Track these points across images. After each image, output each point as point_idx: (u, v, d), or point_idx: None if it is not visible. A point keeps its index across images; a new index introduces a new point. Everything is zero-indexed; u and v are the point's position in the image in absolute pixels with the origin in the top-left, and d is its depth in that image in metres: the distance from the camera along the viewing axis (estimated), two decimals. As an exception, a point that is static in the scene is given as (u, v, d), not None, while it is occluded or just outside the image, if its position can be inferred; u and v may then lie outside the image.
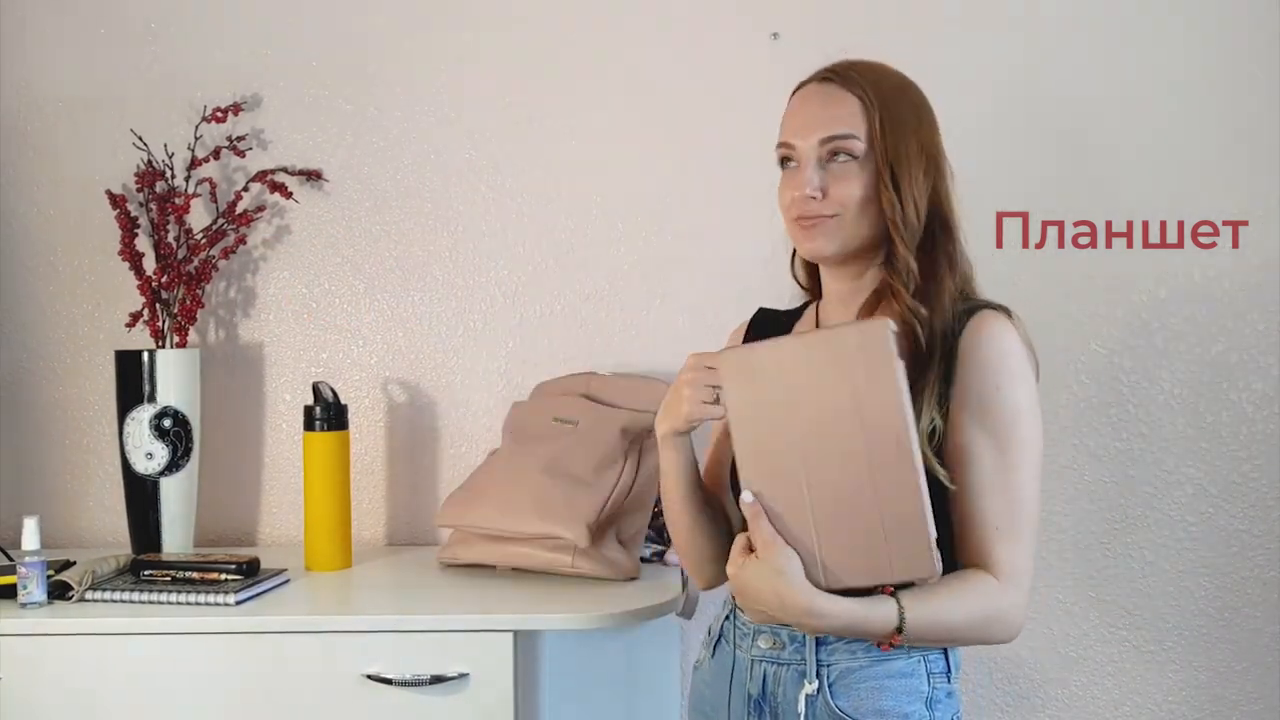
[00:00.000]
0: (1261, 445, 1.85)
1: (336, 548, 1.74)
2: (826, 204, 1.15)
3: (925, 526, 1.01)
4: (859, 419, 1.02)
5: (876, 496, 1.02)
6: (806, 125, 1.16)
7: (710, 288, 1.87)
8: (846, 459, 1.03)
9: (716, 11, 1.89)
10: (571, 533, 1.59)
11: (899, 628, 1.05)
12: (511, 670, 1.46)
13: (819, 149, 1.15)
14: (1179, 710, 1.88)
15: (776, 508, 1.05)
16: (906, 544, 1.01)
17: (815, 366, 1.04)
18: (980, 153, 1.77)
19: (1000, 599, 1.09)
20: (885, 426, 1.01)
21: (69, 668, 1.47)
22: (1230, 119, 1.84)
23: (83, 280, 1.96)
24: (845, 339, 1.03)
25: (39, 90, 1.95)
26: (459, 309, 1.95)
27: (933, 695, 1.13)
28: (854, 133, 1.14)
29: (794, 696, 1.14)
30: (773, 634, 1.17)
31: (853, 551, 1.03)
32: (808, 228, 1.16)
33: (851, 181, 1.14)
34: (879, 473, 1.02)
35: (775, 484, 1.05)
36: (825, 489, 1.04)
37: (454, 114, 1.93)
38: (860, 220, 1.15)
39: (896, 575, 1.03)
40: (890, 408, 1.01)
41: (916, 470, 1.01)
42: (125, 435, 1.80)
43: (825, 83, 1.18)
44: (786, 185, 1.19)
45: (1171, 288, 1.86)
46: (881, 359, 1.01)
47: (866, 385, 1.01)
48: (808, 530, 1.04)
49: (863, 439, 1.02)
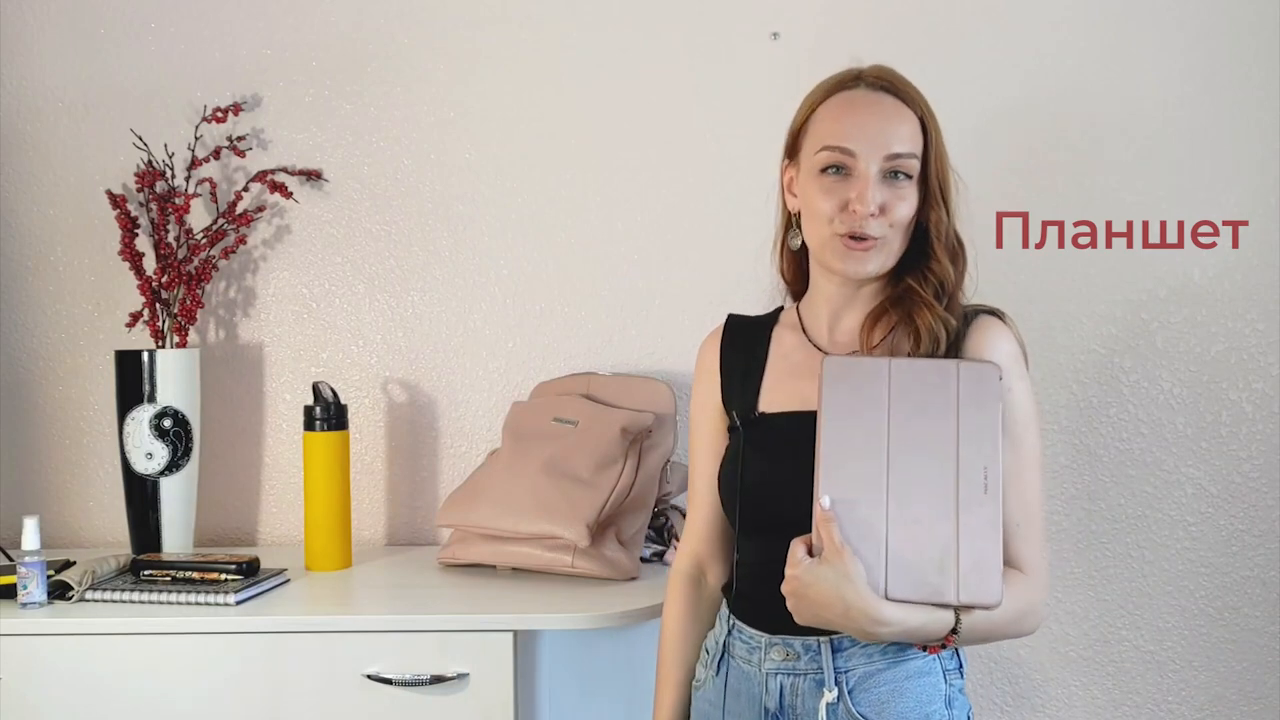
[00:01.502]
0: (1261, 445, 1.85)
1: (336, 548, 1.74)
2: (878, 223, 1.13)
3: (999, 560, 1.05)
4: (955, 449, 1.06)
5: (956, 524, 1.05)
6: (872, 137, 1.13)
7: (710, 288, 1.87)
8: (934, 481, 1.06)
9: (716, 11, 1.89)
10: (571, 533, 1.59)
11: (954, 630, 1.06)
12: (511, 670, 1.46)
13: (883, 163, 1.13)
14: (1179, 710, 1.88)
15: (849, 515, 1.06)
16: (977, 572, 1.04)
17: (924, 389, 1.07)
18: (980, 153, 1.78)
19: (1030, 594, 1.11)
20: (978, 459, 1.05)
21: (69, 668, 1.47)
22: (1230, 119, 1.84)
23: (83, 280, 1.96)
24: (960, 371, 1.08)
25: (39, 90, 1.95)
26: (459, 309, 1.95)
27: (950, 694, 1.14)
28: (915, 152, 1.14)
29: (814, 706, 1.13)
30: (785, 645, 1.15)
31: (920, 571, 1.05)
32: (859, 249, 1.14)
33: (905, 201, 1.14)
34: (964, 502, 1.05)
35: (853, 492, 1.07)
36: (905, 505, 1.06)
37: (454, 114, 1.93)
38: (901, 240, 1.16)
39: (961, 599, 1.05)
40: (988, 443, 1.06)
41: (1000, 506, 1.05)
42: (125, 435, 1.80)
43: (881, 93, 1.15)
44: (829, 194, 1.14)
45: (1171, 288, 1.86)
46: (991, 397, 1.06)
47: (969, 417, 1.06)
48: (879, 542, 1.06)
49: (955, 468, 1.05)
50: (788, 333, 1.26)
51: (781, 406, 1.21)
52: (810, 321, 1.25)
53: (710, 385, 1.28)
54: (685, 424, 1.77)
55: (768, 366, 1.24)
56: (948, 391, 1.07)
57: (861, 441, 1.07)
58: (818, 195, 1.15)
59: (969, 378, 1.07)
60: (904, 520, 1.06)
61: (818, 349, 1.22)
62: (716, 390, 1.27)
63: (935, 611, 1.05)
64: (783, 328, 1.28)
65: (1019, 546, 1.11)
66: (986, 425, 1.06)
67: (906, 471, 1.06)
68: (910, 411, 1.07)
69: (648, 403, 1.76)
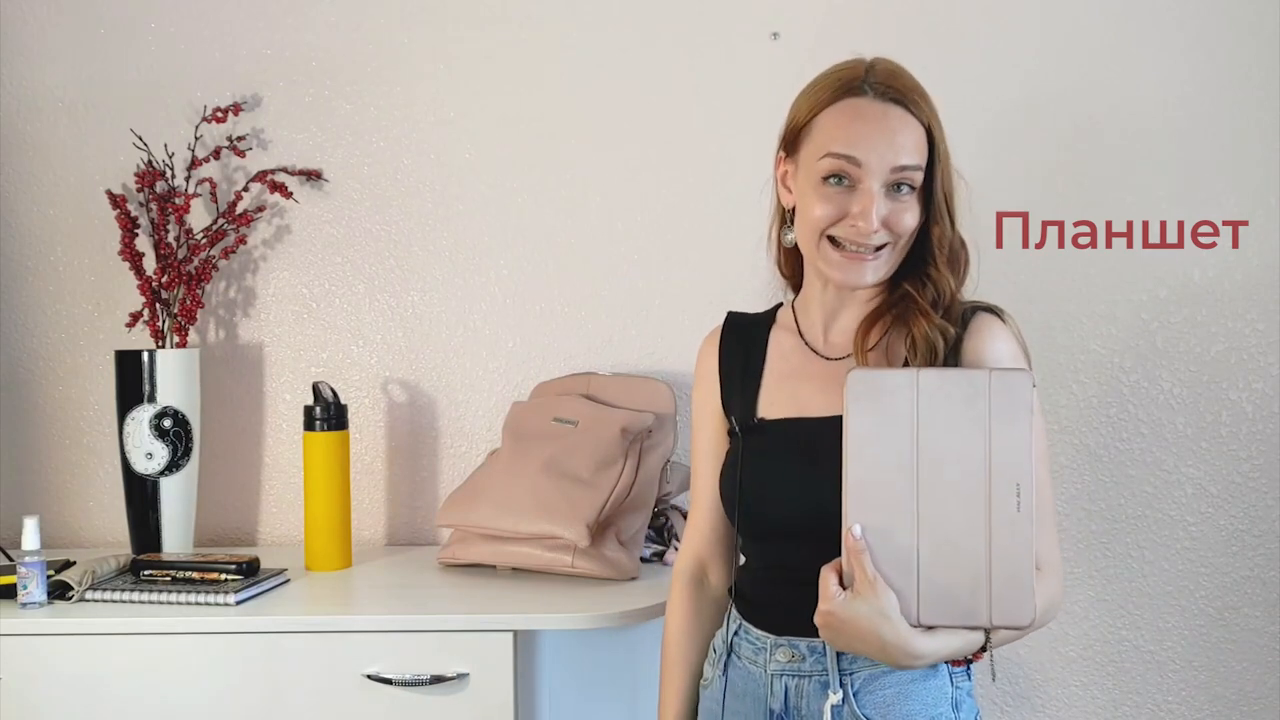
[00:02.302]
0: (1261, 445, 1.85)
1: (336, 548, 1.74)
2: (879, 235, 1.12)
3: (1031, 578, 1.02)
4: (986, 462, 1.02)
5: (988, 545, 1.02)
6: (879, 148, 1.11)
7: (710, 288, 1.86)
8: (966, 500, 1.03)
9: (716, 11, 1.89)
10: (571, 532, 1.59)
11: (984, 646, 1.06)
12: (511, 670, 1.46)
13: (888, 175, 1.11)
14: (1179, 710, 1.88)
15: (880, 542, 1.03)
16: (1009, 591, 1.02)
17: (951, 402, 1.04)
18: (980, 153, 1.78)
19: (1050, 590, 1.10)
20: (1011, 475, 1.02)
21: (69, 668, 1.47)
22: (1230, 119, 1.84)
23: (83, 280, 1.96)
24: (989, 381, 1.04)
25: (39, 90, 1.95)
26: (459, 309, 1.95)
27: (957, 697, 1.13)
28: (919, 164, 1.12)
29: (818, 708, 1.12)
30: (790, 646, 1.15)
31: (953, 593, 1.03)
32: (856, 260, 1.13)
33: (909, 212, 1.13)
34: (996, 518, 1.02)
35: (883, 515, 1.04)
36: (937, 527, 1.03)
37: (454, 114, 1.93)
38: (903, 251, 1.15)
39: (994, 620, 1.03)
40: (1020, 456, 1.02)
41: (1033, 523, 1.02)
42: (125, 435, 1.80)
43: (888, 102, 1.13)
44: (828, 201, 1.13)
45: (1171, 288, 1.86)
46: (1022, 408, 1.02)
47: (1000, 430, 1.02)
48: (910, 567, 1.03)
49: (986, 483, 1.02)
50: (785, 334, 1.26)
51: (780, 412, 1.20)
52: (805, 323, 1.24)
53: (710, 388, 1.28)
54: (685, 424, 1.77)
55: (765, 369, 1.24)
56: (978, 404, 1.03)
57: (890, 462, 1.04)
58: (816, 202, 1.14)
59: (1000, 389, 1.03)
60: (935, 543, 1.03)
61: (814, 352, 1.22)
62: (716, 393, 1.27)
63: (967, 635, 1.05)
64: (780, 328, 1.27)
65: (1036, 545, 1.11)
66: (1019, 439, 1.02)
67: (937, 492, 1.03)
68: (940, 427, 1.03)
69: (648, 403, 1.76)
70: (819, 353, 1.21)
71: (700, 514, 1.30)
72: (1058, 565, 1.13)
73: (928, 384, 1.04)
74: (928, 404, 1.04)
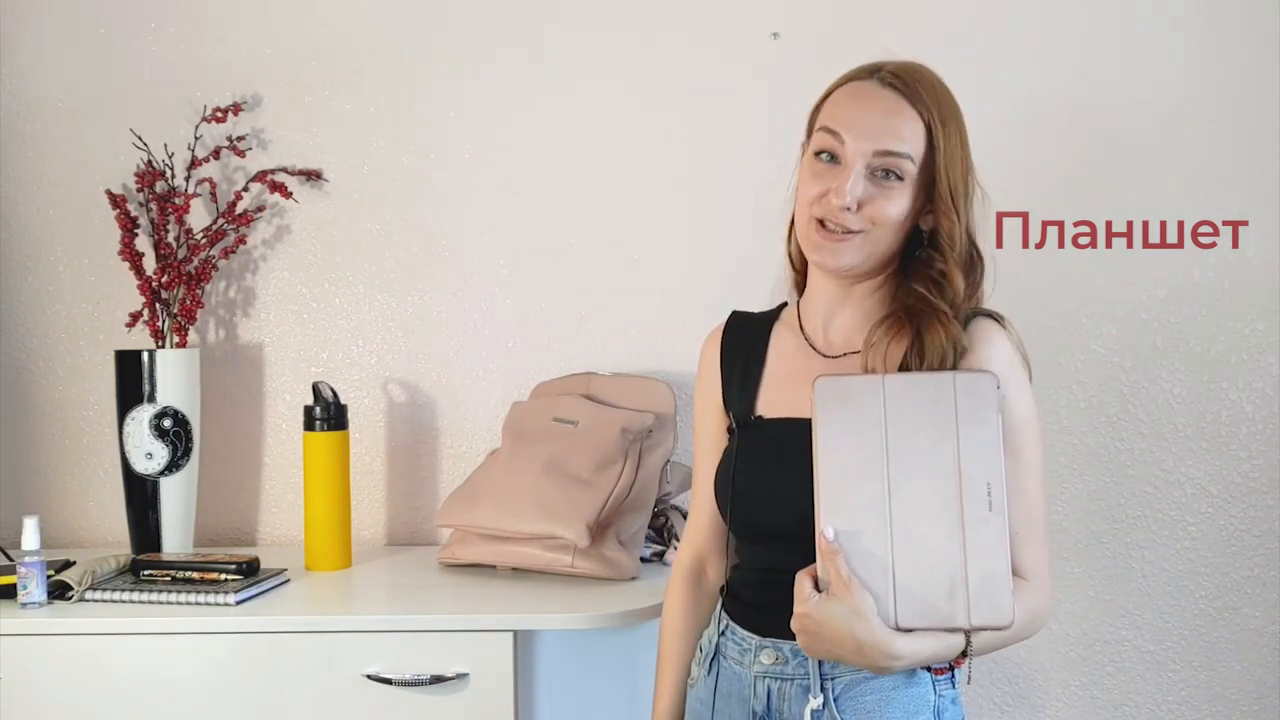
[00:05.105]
0: (1261, 445, 1.85)
1: (336, 548, 1.74)
2: (856, 218, 1.11)
3: (1008, 578, 1.02)
4: (956, 466, 1.03)
5: (962, 545, 1.02)
6: (865, 128, 1.11)
7: (710, 288, 1.86)
8: (938, 501, 1.03)
9: (716, 11, 1.89)
10: (571, 532, 1.59)
11: (964, 652, 1.05)
12: (511, 670, 1.46)
13: (871, 158, 1.11)
14: (1179, 710, 1.88)
15: (854, 545, 1.03)
16: (987, 594, 1.02)
17: (920, 406, 1.04)
18: (980, 153, 1.77)
19: (1033, 600, 1.09)
20: (981, 475, 1.03)
21: (69, 668, 1.47)
22: (1230, 119, 1.84)
23: (83, 280, 1.96)
24: (956, 384, 1.05)
25: (39, 90, 1.95)
26: (459, 309, 1.95)
27: (939, 704, 1.12)
28: (910, 154, 1.11)
29: (799, 711, 1.12)
30: (775, 649, 1.15)
31: (930, 595, 1.03)
32: (830, 240, 1.13)
33: (892, 202, 1.11)
34: (969, 521, 1.02)
35: (856, 520, 1.04)
36: (910, 530, 1.03)
37: (454, 114, 1.93)
38: (887, 240, 1.13)
39: (973, 621, 1.02)
40: (990, 457, 1.03)
41: (1007, 521, 1.02)
42: (125, 435, 1.80)
43: (889, 88, 1.12)
44: (817, 178, 1.13)
45: (1171, 288, 1.86)
46: (989, 408, 1.03)
47: (969, 431, 1.03)
48: (886, 570, 1.03)
49: (957, 483, 1.03)
50: (787, 332, 1.25)
51: (778, 411, 1.20)
52: (808, 320, 1.24)
53: (711, 385, 1.27)
54: (685, 424, 1.77)
55: (766, 368, 1.24)
56: (945, 406, 1.04)
57: (861, 465, 1.04)
58: (807, 178, 1.15)
59: (965, 390, 1.04)
60: (909, 545, 1.03)
61: (815, 350, 1.21)
62: (717, 390, 1.26)
63: (947, 637, 1.04)
64: (782, 326, 1.27)
65: (1021, 553, 1.09)
66: (987, 439, 1.03)
67: (908, 493, 1.04)
68: (908, 430, 1.04)
69: (648, 403, 1.76)
70: (819, 351, 1.21)
71: (701, 510, 1.30)
72: (1046, 578, 1.11)
73: (894, 389, 1.06)
74: (895, 408, 1.05)
